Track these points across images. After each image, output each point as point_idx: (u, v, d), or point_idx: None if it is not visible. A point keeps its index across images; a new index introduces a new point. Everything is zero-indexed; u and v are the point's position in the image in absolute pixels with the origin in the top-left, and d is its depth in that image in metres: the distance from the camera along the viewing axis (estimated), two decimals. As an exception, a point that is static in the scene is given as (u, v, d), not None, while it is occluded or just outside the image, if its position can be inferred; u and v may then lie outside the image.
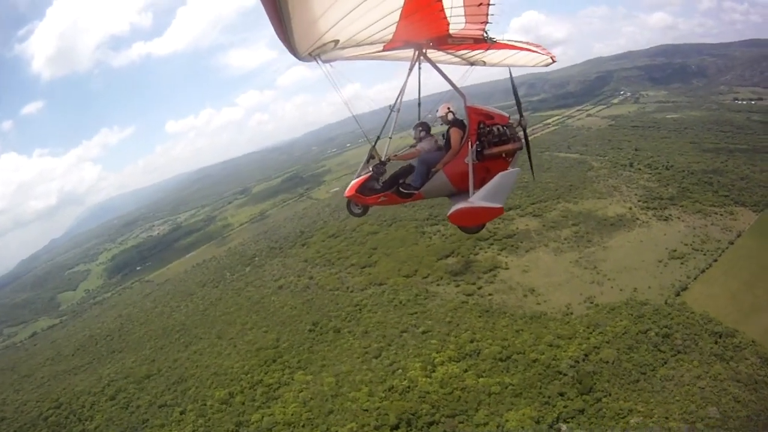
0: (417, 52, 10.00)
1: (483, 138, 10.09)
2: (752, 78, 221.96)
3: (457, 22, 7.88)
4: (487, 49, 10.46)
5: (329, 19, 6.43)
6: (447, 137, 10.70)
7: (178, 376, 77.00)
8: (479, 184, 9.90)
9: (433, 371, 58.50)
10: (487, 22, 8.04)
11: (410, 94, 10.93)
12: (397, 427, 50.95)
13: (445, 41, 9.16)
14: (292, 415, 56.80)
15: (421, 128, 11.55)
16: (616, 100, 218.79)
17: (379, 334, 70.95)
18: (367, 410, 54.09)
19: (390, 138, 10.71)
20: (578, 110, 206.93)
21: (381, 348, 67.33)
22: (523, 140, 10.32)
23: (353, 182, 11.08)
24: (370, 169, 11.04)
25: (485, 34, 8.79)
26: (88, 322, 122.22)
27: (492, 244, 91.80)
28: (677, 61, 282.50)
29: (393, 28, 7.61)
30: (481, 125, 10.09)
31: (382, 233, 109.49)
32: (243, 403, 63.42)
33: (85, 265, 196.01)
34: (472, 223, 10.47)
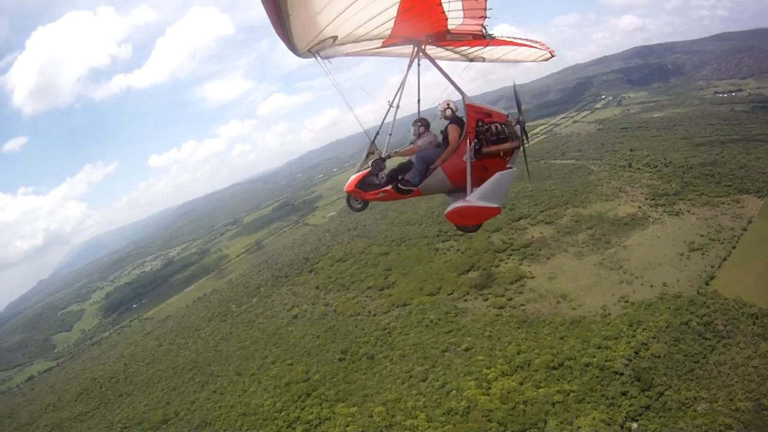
0: (416, 49, 9.96)
1: (481, 136, 9.91)
2: (728, 71, 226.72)
3: (455, 17, 7.85)
4: (486, 46, 10.37)
5: (328, 16, 6.49)
6: (445, 134, 10.59)
7: (200, 419, 73.16)
8: (477, 182, 9.72)
9: (490, 388, 56.46)
10: (486, 17, 7.99)
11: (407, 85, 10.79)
12: (469, 450, 48.50)
13: (444, 37, 9.12)
14: (345, 450, 53.61)
15: (420, 124, 11.37)
16: (599, 105, 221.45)
17: (419, 357, 68.42)
18: (430, 436, 51.41)
19: (390, 135, 10.76)
20: (563, 117, 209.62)
21: (426, 371, 64.80)
22: (522, 138, 10.10)
23: (353, 177, 11.10)
24: (369, 164, 10.99)
25: (484, 30, 8.75)
26: (87, 363, 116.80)
27: (510, 254, 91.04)
28: (653, 61, 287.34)
29: (391, 24, 7.68)
30: (480, 123, 9.91)
31: (393, 253, 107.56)
32: (284, 444, 59.88)
33: (78, 304, 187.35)
34: (470, 222, 10.41)
